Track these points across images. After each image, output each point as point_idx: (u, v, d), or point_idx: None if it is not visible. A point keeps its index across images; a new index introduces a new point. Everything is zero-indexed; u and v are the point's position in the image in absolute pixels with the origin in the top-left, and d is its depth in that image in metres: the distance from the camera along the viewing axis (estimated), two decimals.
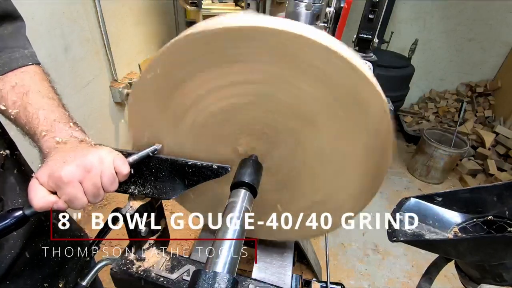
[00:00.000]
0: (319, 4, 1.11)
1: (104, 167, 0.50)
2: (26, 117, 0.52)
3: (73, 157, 0.49)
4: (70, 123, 0.55)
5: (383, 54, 2.84)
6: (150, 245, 0.70)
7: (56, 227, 0.73)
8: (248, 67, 0.50)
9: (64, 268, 0.73)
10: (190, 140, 0.62)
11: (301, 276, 0.71)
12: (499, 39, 3.15)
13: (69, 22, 1.69)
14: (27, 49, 0.58)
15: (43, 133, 0.51)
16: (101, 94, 2.10)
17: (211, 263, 0.41)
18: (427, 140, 2.61)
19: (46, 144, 0.51)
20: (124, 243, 0.69)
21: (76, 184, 0.48)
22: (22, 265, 0.63)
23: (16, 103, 0.52)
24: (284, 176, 0.63)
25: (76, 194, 0.48)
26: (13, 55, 0.55)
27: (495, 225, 0.48)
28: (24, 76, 0.55)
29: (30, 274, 0.65)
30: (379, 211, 2.54)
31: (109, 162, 0.51)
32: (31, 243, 0.65)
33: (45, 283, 0.68)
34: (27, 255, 0.64)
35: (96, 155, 0.51)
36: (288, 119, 0.55)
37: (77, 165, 0.48)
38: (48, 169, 0.48)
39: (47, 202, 0.48)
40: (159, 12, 2.76)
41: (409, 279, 1.89)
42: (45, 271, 0.68)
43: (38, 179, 0.48)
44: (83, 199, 0.49)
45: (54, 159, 0.49)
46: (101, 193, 0.52)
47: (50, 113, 0.53)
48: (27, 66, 0.56)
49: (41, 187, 0.48)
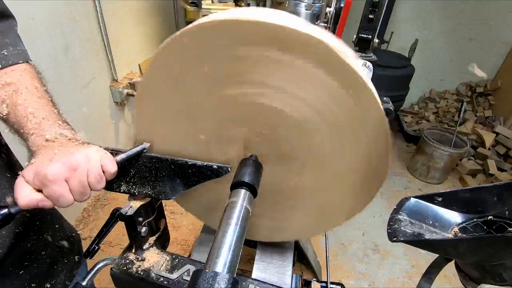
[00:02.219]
0: (319, 4, 1.11)
1: (90, 166, 0.50)
2: (16, 116, 0.52)
3: (60, 155, 0.49)
4: (59, 122, 0.55)
5: (383, 54, 2.84)
6: (150, 245, 0.70)
7: (46, 227, 0.72)
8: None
9: (53, 268, 0.72)
10: (191, 139, 0.62)
11: (301, 276, 0.71)
12: (499, 39, 3.15)
13: (69, 22, 1.69)
14: (18, 47, 0.58)
15: (31, 131, 0.51)
16: (101, 94, 2.10)
17: (211, 263, 0.41)
18: (427, 140, 2.61)
19: (34, 142, 0.51)
20: (124, 243, 0.68)
21: (61, 182, 0.48)
22: (9, 265, 0.62)
23: (5, 102, 0.52)
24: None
25: (62, 192, 0.48)
26: (3, 53, 0.54)
27: (495, 225, 0.48)
28: (14, 74, 0.55)
29: (18, 274, 0.64)
30: (379, 211, 2.55)
31: (96, 160, 0.51)
32: (19, 243, 0.64)
33: (33, 283, 0.67)
34: (15, 255, 0.63)
35: (83, 153, 0.51)
36: (290, 121, 0.55)
37: (63, 163, 0.48)
38: (34, 167, 0.48)
39: (32, 200, 0.48)
40: (159, 12, 2.76)
41: (409, 279, 1.89)
42: (33, 271, 0.67)
43: (24, 177, 0.48)
44: (68, 197, 0.49)
45: (40, 158, 0.49)
46: (88, 192, 0.52)
47: (39, 111, 0.53)
48: (17, 64, 0.56)
49: (26, 184, 0.48)
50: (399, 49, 3.16)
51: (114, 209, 0.65)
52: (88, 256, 0.66)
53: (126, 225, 0.64)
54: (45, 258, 0.70)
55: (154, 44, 2.73)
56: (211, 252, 0.43)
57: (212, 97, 0.56)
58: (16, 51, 0.57)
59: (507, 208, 0.47)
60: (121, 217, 0.63)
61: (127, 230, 0.66)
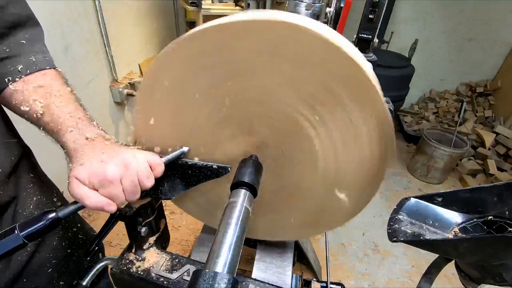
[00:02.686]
0: (319, 4, 1.11)
1: (139, 165, 0.52)
2: (51, 115, 0.52)
3: (109, 156, 0.50)
4: (94, 122, 0.56)
5: (383, 54, 2.84)
6: (150, 245, 0.70)
7: (71, 225, 0.73)
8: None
9: (79, 266, 0.73)
10: (191, 139, 0.62)
11: (301, 276, 0.71)
12: (499, 39, 3.15)
13: (69, 22, 1.68)
14: (45, 54, 0.59)
15: (69, 129, 0.51)
16: (101, 94, 2.10)
17: (211, 263, 0.41)
18: (427, 140, 2.61)
19: (74, 140, 0.51)
20: (124, 243, 0.69)
21: (118, 182, 0.50)
22: (38, 263, 0.64)
23: (40, 103, 0.52)
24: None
25: (117, 192, 0.50)
26: (33, 59, 0.55)
27: (495, 225, 0.48)
28: (46, 78, 0.56)
29: (46, 272, 0.65)
30: (379, 211, 2.54)
31: (143, 159, 0.53)
32: (46, 242, 0.65)
33: (61, 281, 0.69)
34: (42, 254, 0.64)
35: (130, 153, 0.52)
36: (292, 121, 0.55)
37: (116, 164, 0.50)
38: (87, 168, 0.49)
39: (99, 202, 0.49)
40: (159, 12, 2.76)
41: (409, 279, 1.89)
42: (61, 269, 0.68)
43: (79, 179, 0.49)
44: (122, 197, 0.51)
45: (89, 158, 0.49)
46: (139, 190, 0.53)
47: (75, 112, 0.54)
48: (46, 69, 0.57)
49: (84, 186, 0.49)
50: (399, 49, 3.16)
51: None
52: (88, 256, 0.66)
53: (126, 225, 0.64)
54: (71, 256, 0.72)
55: (154, 44, 2.73)
56: (211, 252, 0.43)
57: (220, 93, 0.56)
58: (44, 58, 0.58)
59: (507, 208, 0.47)
60: (121, 217, 0.63)
61: (127, 230, 0.66)
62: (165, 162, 0.58)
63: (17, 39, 0.55)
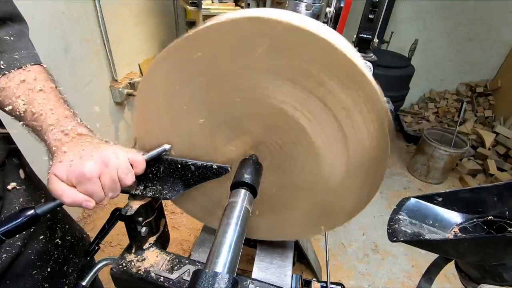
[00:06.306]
0: (319, 4, 1.11)
1: (119, 162, 0.52)
2: (33, 113, 0.52)
3: (88, 153, 0.50)
4: (77, 119, 0.56)
5: (383, 54, 2.84)
6: (150, 245, 0.70)
7: (57, 227, 0.72)
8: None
9: (64, 268, 0.73)
10: (192, 139, 0.62)
11: (301, 276, 0.71)
12: (499, 39, 3.15)
13: (69, 22, 1.68)
14: (30, 50, 0.59)
15: (50, 127, 0.51)
16: (101, 94, 2.10)
17: (211, 263, 0.41)
18: (427, 140, 2.61)
19: (54, 137, 0.51)
20: (124, 243, 0.69)
21: (96, 179, 0.49)
22: (22, 265, 0.63)
23: (22, 99, 0.52)
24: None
25: (96, 189, 0.50)
26: (17, 55, 0.55)
27: (495, 225, 0.48)
28: (29, 74, 0.55)
29: (31, 274, 0.65)
30: (379, 211, 2.54)
31: (124, 157, 0.53)
32: (31, 243, 0.64)
33: (46, 283, 0.68)
34: (27, 256, 0.63)
35: (111, 150, 0.52)
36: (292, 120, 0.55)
37: (95, 161, 0.49)
38: (66, 165, 0.48)
39: (77, 199, 0.49)
40: (159, 12, 2.76)
41: (409, 279, 1.89)
42: (45, 271, 0.68)
43: (57, 176, 0.49)
44: (101, 194, 0.51)
45: (68, 155, 0.49)
46: (118, 187, 0.53)
47: (57, 109, 0.54)
48: (31, 65, 0.57)
49: (63, 183, 0.49)
50: (399, 49, 3.15)
51: (114, 209, 0.65)
52: (88, 256, 0.66)
53: (126, 225, 0.64)
54: (57, 258, 0.71)
55: (154, 44, 2.73)
56: (211, 252, 0.43)
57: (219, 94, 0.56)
58: (27, 54, 0.57)
59: (507, 208, 0.47)
60: (121, 217, 0.63)
61: (127, 230, 0.66)
62: (147, 159, 0.58)
63: (0, 36, 0.54)
